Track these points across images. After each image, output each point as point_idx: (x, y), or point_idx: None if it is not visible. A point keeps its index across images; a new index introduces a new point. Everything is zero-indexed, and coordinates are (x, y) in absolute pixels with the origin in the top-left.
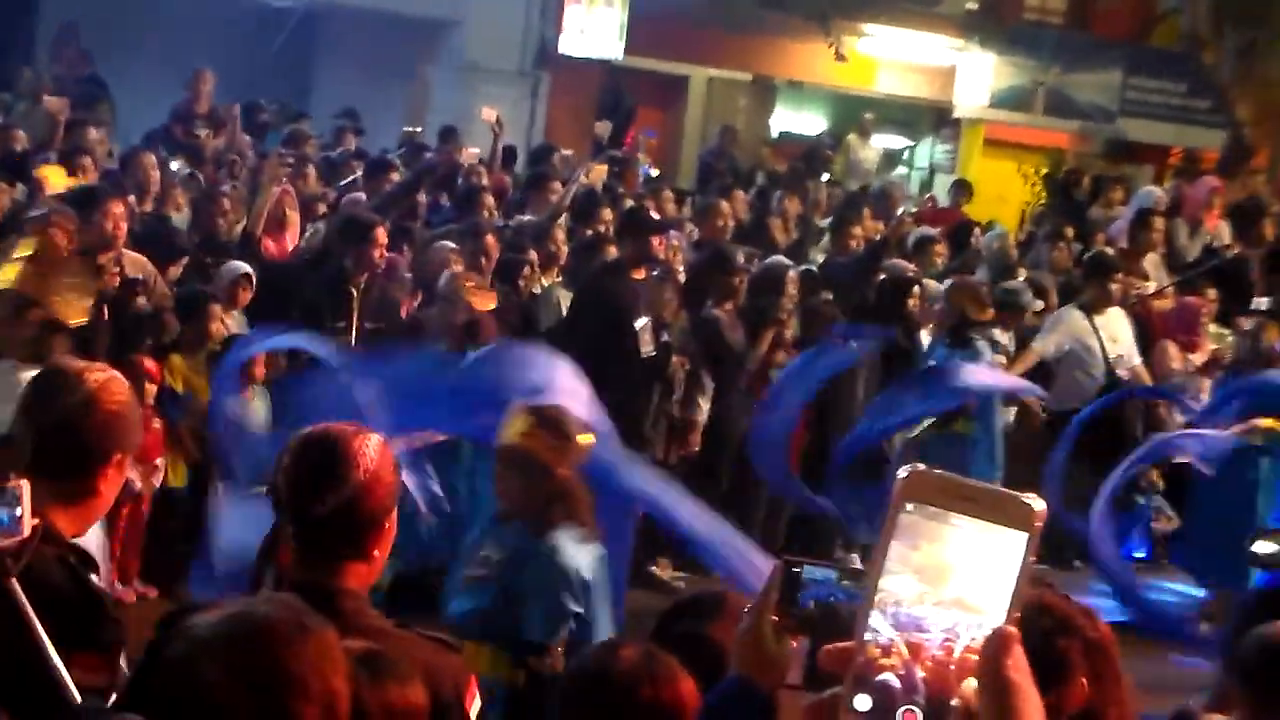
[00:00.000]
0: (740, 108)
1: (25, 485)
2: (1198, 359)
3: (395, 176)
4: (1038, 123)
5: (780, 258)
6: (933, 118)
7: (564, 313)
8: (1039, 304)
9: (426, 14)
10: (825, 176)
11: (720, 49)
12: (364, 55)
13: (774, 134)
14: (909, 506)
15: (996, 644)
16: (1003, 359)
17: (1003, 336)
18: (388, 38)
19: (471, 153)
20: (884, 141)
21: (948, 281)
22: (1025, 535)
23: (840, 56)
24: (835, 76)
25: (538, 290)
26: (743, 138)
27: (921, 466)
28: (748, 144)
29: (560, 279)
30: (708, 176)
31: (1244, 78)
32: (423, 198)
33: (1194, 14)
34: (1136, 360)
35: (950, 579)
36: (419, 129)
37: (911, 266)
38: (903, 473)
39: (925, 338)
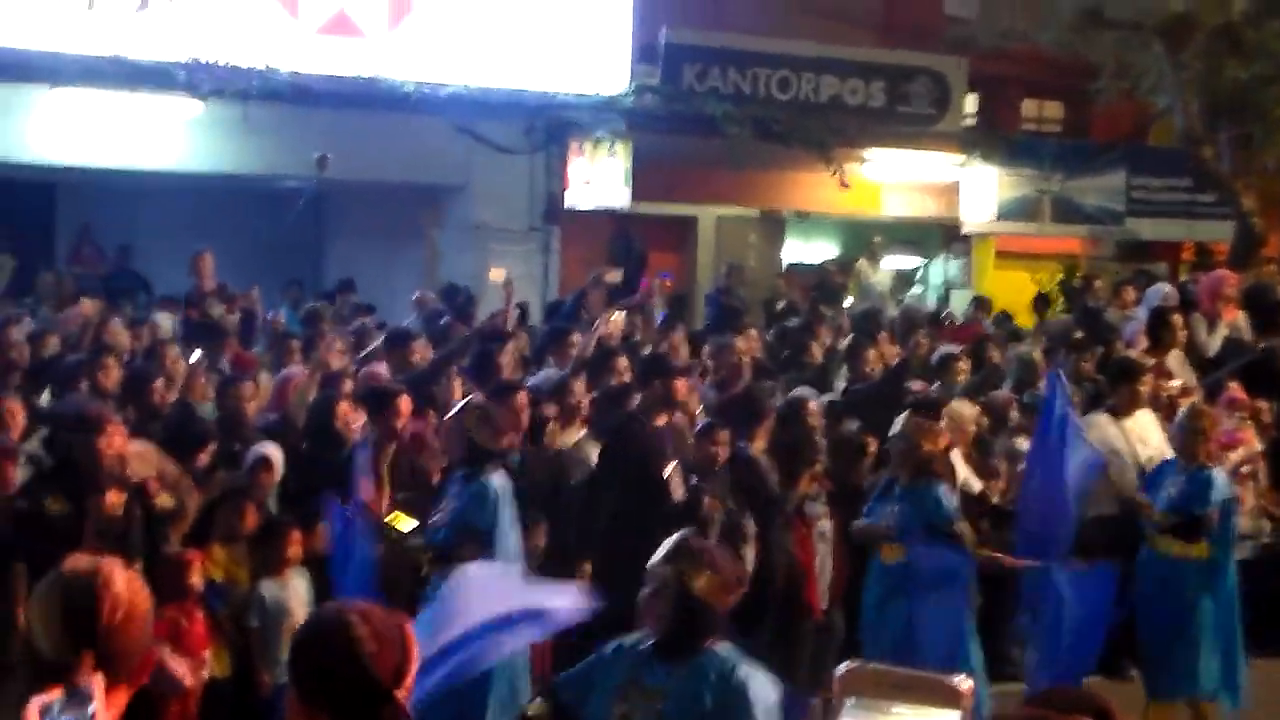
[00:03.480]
0: (750, 243)
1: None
2: (1237, 456)
3: (418, 345)
4: (1047, 230)
5: (803, 389)
6: (942, 235)
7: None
8: None
9: (434, 181)
10: (849, 301)
11: (726, 187)
12: (374, 225)
13: (784, 266)
14: (850, 701)
15: None
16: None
17: (1026, 444)
18: (397, 206)
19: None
20: (895, 263)
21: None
22: (958, 714)
23: (844, 184)
24: (841, 204)
25: (563, 446)
26: (754, 272)
27: (858, 663)
28: (760, 278)
29: (586, 432)
30: (719, 315)
31: (1244, 169)
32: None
33: (1187, 113)
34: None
35: None
36: (430, 294)
37: (926, 387)
38: (841, 670)
39: (956, 457)
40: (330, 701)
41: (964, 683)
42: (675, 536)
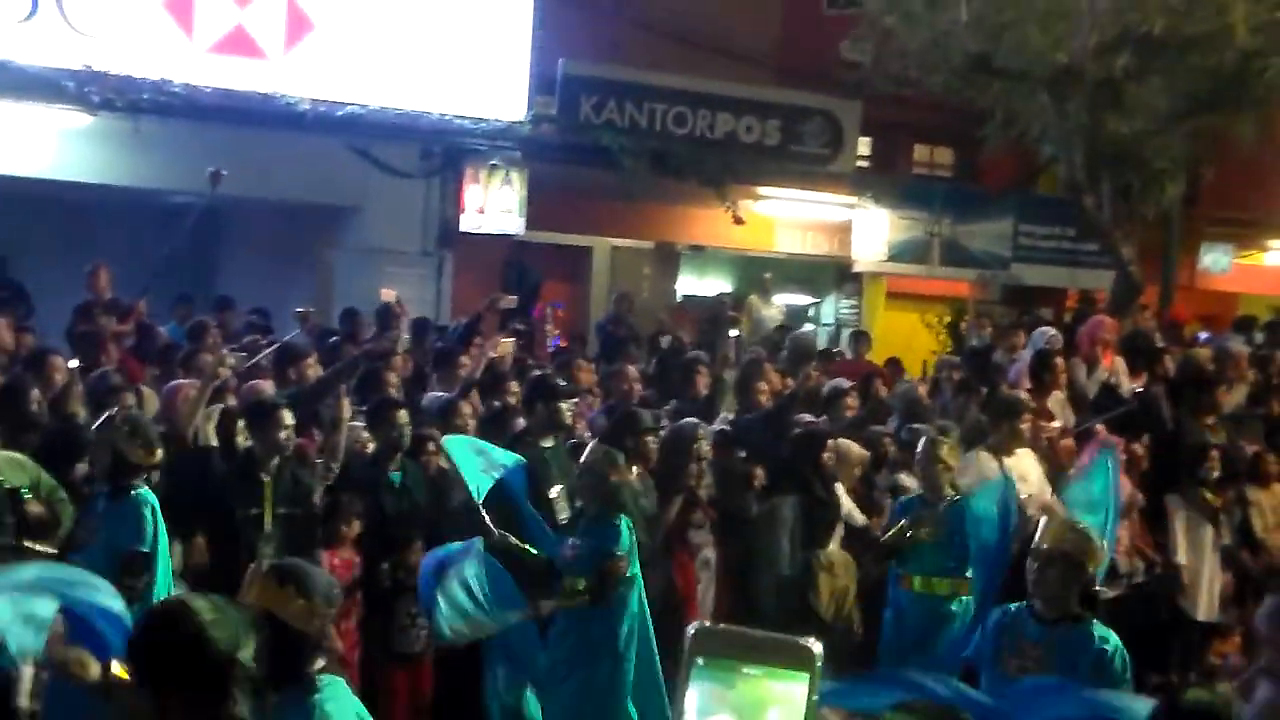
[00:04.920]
0: (644, 274)
1: None
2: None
3: (310, 361)
4: (936, 273)
5: (691, 419)
6: (834, 274)
7: None
8: None
9: (329, 201)
10: (734, 333)
11: (621, 218)
12: (267, 243)
13: (678, 298)
14: (699, 661)
15: None
16: None
17: (910, 480)
18: (291, 225)
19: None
20: (787, 299)
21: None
22: (807, 675)
23: (738, 220)
24: (735, 239)
25: (446, 465)
26: (648, 303)
27: (708, 623)
28: (653, 309)
29: None
30: (609, 343)
31: (1124, 219)
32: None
33: (1070, 163)
34: (1049, 497)
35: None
36: (311, 309)
37: (813, 419)
38: (691, 629)
39: (840, 491)
40: (179, 678)
41: (815, 645)
42: (256, 568)
